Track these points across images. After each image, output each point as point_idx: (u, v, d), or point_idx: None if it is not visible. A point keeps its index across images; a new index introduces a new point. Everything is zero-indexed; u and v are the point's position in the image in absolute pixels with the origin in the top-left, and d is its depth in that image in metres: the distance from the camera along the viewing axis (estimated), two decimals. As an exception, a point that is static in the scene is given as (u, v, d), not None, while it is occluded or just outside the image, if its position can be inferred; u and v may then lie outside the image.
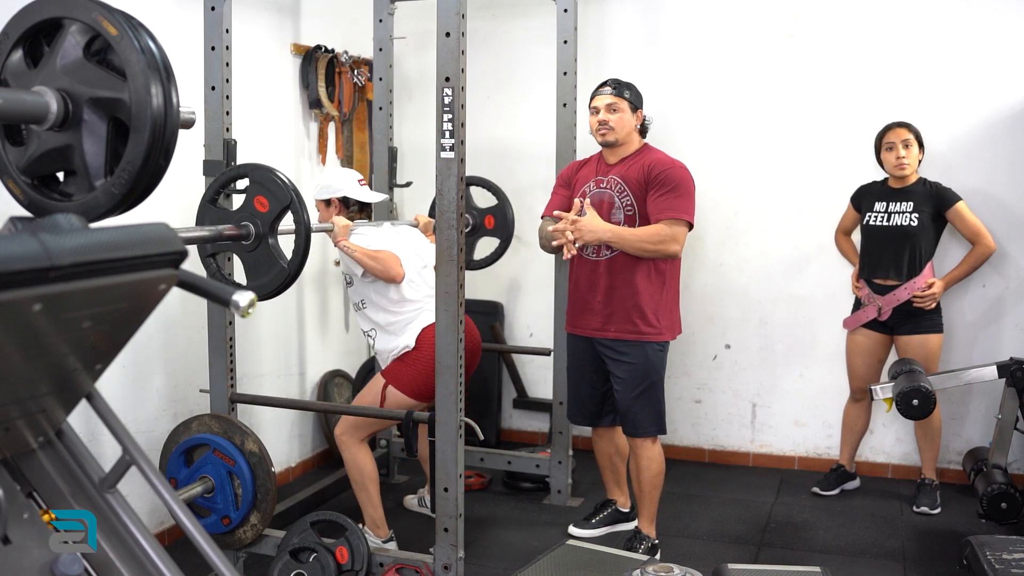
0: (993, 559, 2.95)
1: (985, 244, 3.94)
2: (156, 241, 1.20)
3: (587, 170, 3.56)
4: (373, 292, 3.41)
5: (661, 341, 3.43)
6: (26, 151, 1.68)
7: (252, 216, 2.71)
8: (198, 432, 3.09)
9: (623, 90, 3.44)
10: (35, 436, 1.36)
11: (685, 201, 3.33)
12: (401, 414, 3.11)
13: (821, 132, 4.43)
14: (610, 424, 3.64)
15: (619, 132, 3.41)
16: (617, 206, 3.40)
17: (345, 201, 3.47)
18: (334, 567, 2.94)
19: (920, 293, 3.89)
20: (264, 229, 2.70)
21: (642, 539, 3.52)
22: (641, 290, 3.37)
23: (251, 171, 2.75)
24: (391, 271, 3.31)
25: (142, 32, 1.57)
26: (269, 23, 4.14)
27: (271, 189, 2.69)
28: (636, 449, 3.50)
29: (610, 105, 3.42)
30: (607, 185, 3.43)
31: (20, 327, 1.06)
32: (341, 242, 3.29)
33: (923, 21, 4.26)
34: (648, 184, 3.35)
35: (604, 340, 3.46)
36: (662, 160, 3.39)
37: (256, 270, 2.75)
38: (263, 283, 2.75)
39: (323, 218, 3.49)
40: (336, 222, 3.31)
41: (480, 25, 4.72)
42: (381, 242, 3.39)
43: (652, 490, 3.52)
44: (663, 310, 3.42)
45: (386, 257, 3.32)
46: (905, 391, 3.57)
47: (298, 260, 2.71)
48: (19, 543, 1.31)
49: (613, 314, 3.41)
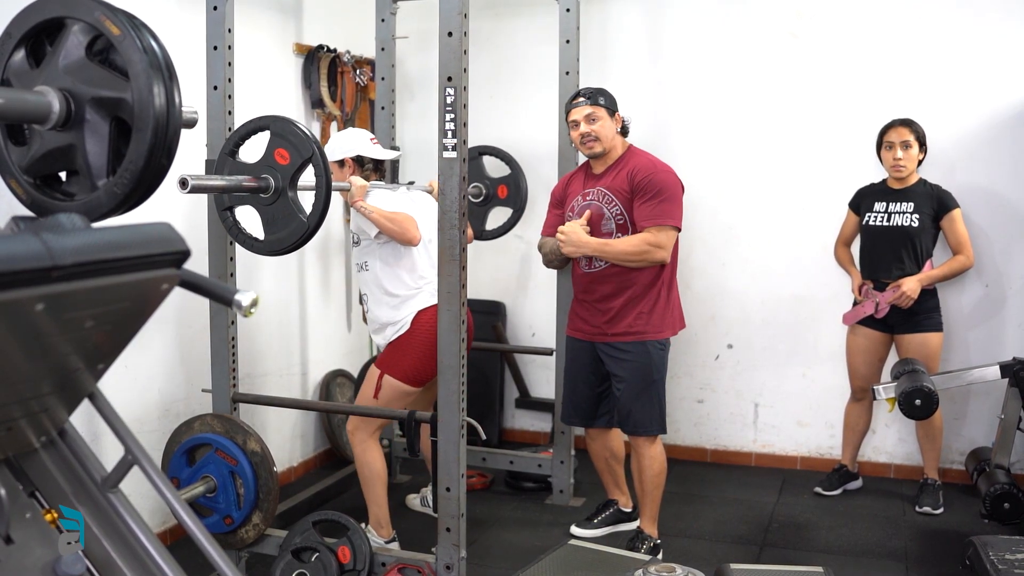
0: (996, 559, 2.95)
1: (967, 256, 3.93)
2: (158, 241, 1.20)
3: (575, 184, 3.56)
4: (381, 257, 3.36)
5: (662, 339, 3.43)
6: (29, 151, 1.68)
7: (272, 169, 2.69)
8: (200, 432, 3.09)
9: (598, 97, 3.42)
10: (37, 436, 1.36)
11: (669, 206, 3.32)
12: (403, 413, 3.11)
13: (824, 131, 4.43)
14: (605, 425, 3.63)
15: (604, 141, 3.41)
16: (607, 217, 3.39)
17: (359, 160, 3.42)
18: (336, 567, 2.94)
19: (894, 297, 3.89)
20: (284, 182, 2.67)
21: (644, 539, 3.52)
22: (639, 294, 3.38)
23: (272, 123, 2.72)
24: (408, 233, 3.25)
25: (144, 32, 1.57)
26: (271, 23, 4.14)
27: (293, 141, 2.66)
28: (638, 448, 3.50)
29: (589, 115, 3.40)
30: (594, 197, 3.43)
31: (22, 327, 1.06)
32: (358, 202, 3.24)
33: (925, 21, 4.25)
34: (633, 191, 3.35)
35: (603, 343, 3.46)
36: (645, 165, 3.39)
37: (274, 224, 2.72)
38: (282, 236, 2.72)
39: (336, 179, 3.39)
40: (353, 182, 3.25)
41: (482, 25, 4.72)
42: (397, 204, 3.35)
43: (654, 490, 3.52)
44: (662, 309, 3.42)
45: (403, 219, 3.26)
46: (908, 391, 3.57)
47: (318, 214, 2.67)
48: (21, 543, 1.31)
49: (613, 319, 3.42)
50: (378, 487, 3.40)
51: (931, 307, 3.96)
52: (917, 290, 3.87)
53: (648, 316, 3.39)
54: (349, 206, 3.42)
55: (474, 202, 4.38)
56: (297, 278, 4.38)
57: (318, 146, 2.66)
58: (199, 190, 2.57)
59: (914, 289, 3.86)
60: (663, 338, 3.43)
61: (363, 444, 3.39)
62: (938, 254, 4.01)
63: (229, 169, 2.79)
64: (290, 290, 4.34)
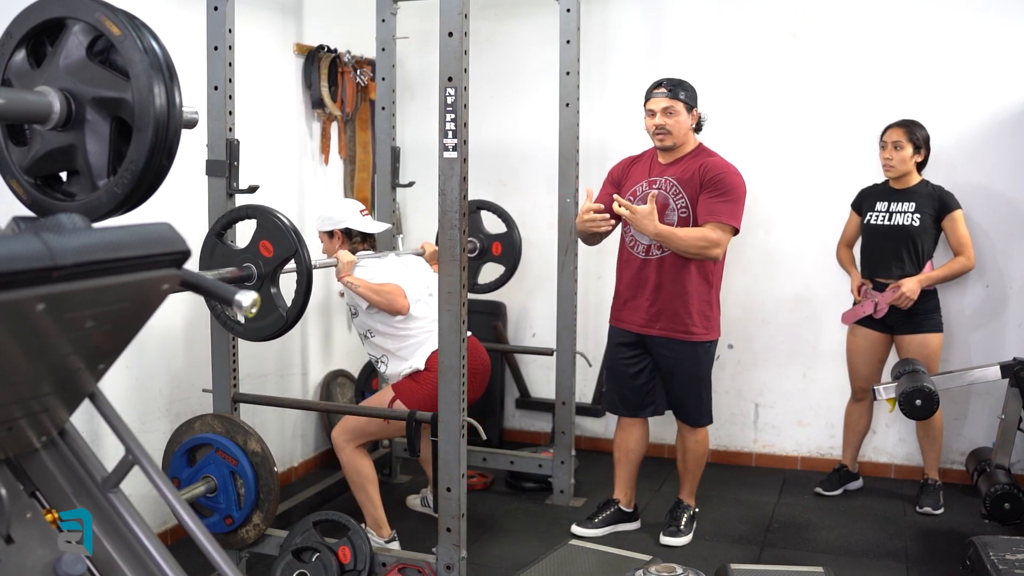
0: (996, 559, 2.95)
1: (968, 257, 3.93)
2: (159, 241, 1.20)
3: (639, 168, 3.57)
4: (379, 323, 3.42)
5: (709, 340, 3.52)
6: (29, 151, 1.68)
7: (255, 258, 2.77)
8: (201, 432, 3.09)
9: (678, 91, 3.44)
10: (38, 436, 1.36)
11: (734, 207, 3.38)
12: (404, 414, 3.12)
13: (824, 132, 4.43)
14: (649, 415, 3.71)
15: (677, 136, 3.44)
16: (671, 207, 3.42)
17: (347, 232, 3.47)
18: (336, 567, 2.94)
19: (893, 297, 3.88)
20: (266, 272, 2.76)
21: (684, 508, 3.73)
22: (690, 290, 3.43)
23: (259, 215, 2.80)
24: (395, 304, 3.32)
25: (145, 32, 1.57)
26: (272, 23, 4.14)
27: (276, 236, 2.74)
28: (684, 433, 3.68)
29: (666, 108, 3.43)
30: (661, 186, 3.45)
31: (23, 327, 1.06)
32: (345, 278, 3.30)
33: (926, 21, 4.25)
34: (702, 186, 3.38)
35: (652, 337, 3.52)
36: (717, 163, 3.43)
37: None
38: (260, 326, 2.84)
39: (326, 249, 3.50)
40: (340, 257, 3.32)
41: (483, 25, 4.72)
42: (385, 274, 3.40)
43: (696, 468, 3.74)
44: (709, 310, 3.49)
45: (390, 290, 3.33)
46: (908, 391, 3.57)
47: (296, 309, 2.78)
48: (22, 543, 1.31)
49: (661, 312, 3.47)
50: (370, 489, 3.41)
51: (931, 307, 3.96)
52: (917, 291, 3.86)
53: (699, 316, 3.46)
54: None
55: (469, 256, 4.36)
56: (297, 278, 4.37)
57: (301, 243, 2.74)
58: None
59: (914, 290, 3.86)
60: (711, 339, 3.53)
61: (349, 455, 3.42)
62: (939, 255, 4.01)
63: (215, 252, 2.88)
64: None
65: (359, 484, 3.41)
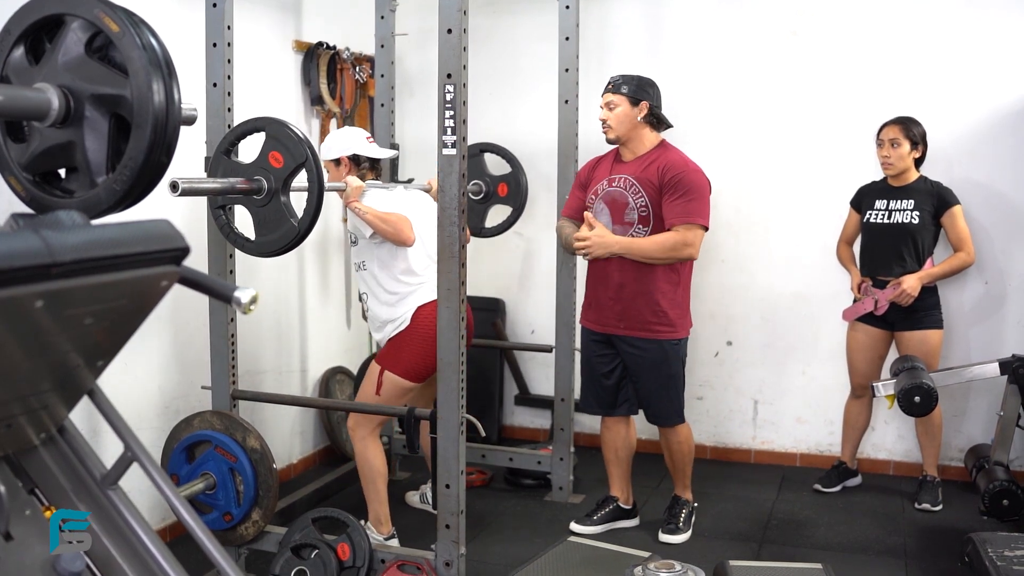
0: (995, 556, 2.95)
1: (968, 253, 3.92)
2: (158, 238, 1.20)
3: (602, 168, 3.57)
4: (378, 257, 3.36)
5: (677, 339, 3.49)
6: (28, 148, 1.68)
7: (265, 171, 2.70)
8: (200, 429, 3.09)
9: (620, 86, 3.46)
10: (37, 433, 1.36)
11: (699, 204, 3.36)
12: (402, 410, 3.11)
13: (824, 129, 4.42)
14: (625, 414, 3.69)
15: (617, 129, 3.43)
16: (631, 206, 3.41)
17: (355, 159, 3.41)
18: (336, 564, 2.94)
19: (894, 294, 3.89)
20: (277, 185, 2.68)
21: (682, 504, 3.72)
22: (655, 288, 3.41)
23: (268, 125, 2.73)
24: (402, 234, 3.25)
25: (144, 29, 1.57)
26: (271, 19, 4.13)
27: (287, 145, 2.66)
28: (665, 434, 3.66)
29: (608, 103, 3.46)
30: (620, 184, 3.44)
31: (22, 324, 1.06)
32: (353, 203, 3.23)
33: (926, 18, 4.25)
34: (662, 187, 3.36)
35: (618, 336, 3.50)
36: (676, 162, 3.41)
37: (265, 225, 2.74)
38: (272, 239, 2.74)
39: (333, 178, 3.40)
40: (349, 182, 3.24)
41: (482, 22, 4.72)
42: (393, 204, 3.34)
43: (684, 465, 3.71)
44: (676, 308, 3.47)
45: (397, 220, 3.25)
46: (907, 388, 3.57)
47: (308, 219, 2.69)
48: (21, 540, 1.32)
49: (626, 311, 3.45)
50: (379, 484, 3.40)
51: (931, 304, 3.96)
52: (917, 288, 3.87)
53: (664, 314, 3.43)
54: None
55: (474, 199, 4.37)
56: (297, 275, 4.37)
57: (312, 151, 2.67)
58: (190, 193, 2.57)
59: (914, 287, 3.86)
60: (678, 338, 3.49)
61: (363, 441, 3.39)
62: (939, 252, 4.01)
63: (224, 169, 2.80)
64: (289, 287, 4.34)
65: (369, 477, 3.40)
